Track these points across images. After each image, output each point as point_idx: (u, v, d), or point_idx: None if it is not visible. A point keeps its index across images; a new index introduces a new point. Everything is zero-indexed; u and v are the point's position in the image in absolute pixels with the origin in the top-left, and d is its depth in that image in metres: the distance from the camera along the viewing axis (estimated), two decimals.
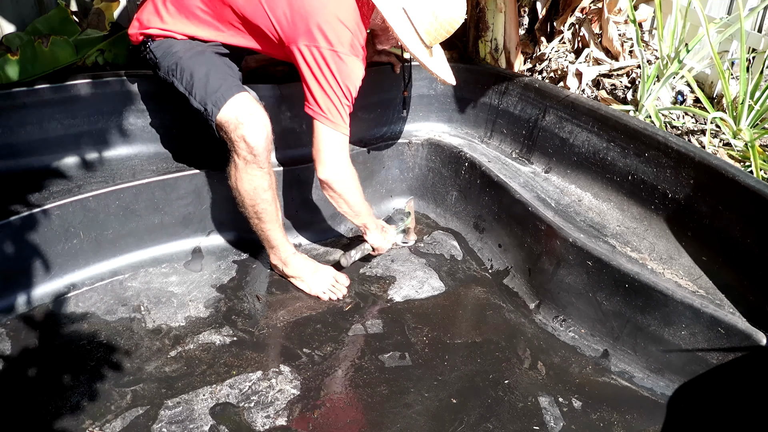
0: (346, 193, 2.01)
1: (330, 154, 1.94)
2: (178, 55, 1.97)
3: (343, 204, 2.04)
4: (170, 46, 1.99)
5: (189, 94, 1.95)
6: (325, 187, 2.00)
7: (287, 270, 2.17)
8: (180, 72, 1.96)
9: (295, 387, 1.80)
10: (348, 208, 2.06)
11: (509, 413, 1.74)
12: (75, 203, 2.05)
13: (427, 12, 1.87)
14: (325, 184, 1.98)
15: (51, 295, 2.05)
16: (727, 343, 1.68)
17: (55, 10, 2.49)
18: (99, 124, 2.29)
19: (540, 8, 2.78)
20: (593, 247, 1.93)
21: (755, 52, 2.44)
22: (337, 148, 1.94)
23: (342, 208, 2.06)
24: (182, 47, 1.98)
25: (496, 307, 2.13)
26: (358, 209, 2.08)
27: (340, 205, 2.05)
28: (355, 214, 2.09)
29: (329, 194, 2.02)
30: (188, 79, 1.95)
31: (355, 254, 2.19)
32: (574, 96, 2.30)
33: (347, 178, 2.00)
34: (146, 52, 2.03)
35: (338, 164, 1.96)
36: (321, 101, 1.87)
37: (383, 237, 2.22)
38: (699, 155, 1.91)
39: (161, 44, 2.00)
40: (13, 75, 2.20)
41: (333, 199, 2.04)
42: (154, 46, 2.01)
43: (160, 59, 2.00)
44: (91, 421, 1.67)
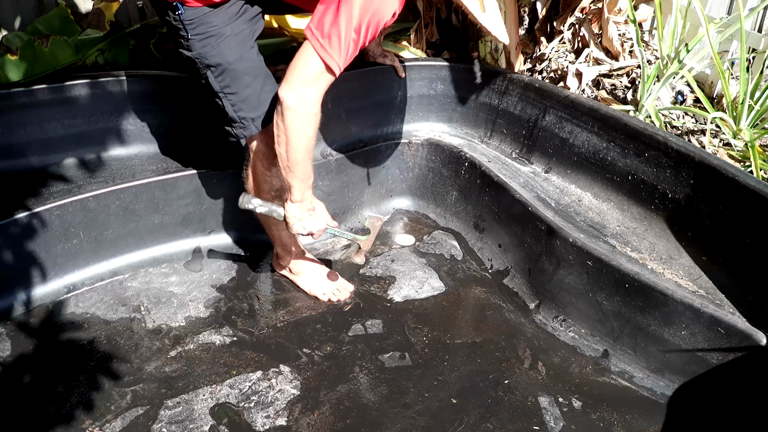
0: (294, 131, 1.69)
1: (305, 77, 1.65)
2: (222, 51, 1.77)
3: (283, 143, 1.71)
4: (209, 27, 1.75)
5: (222, 97, 1.83)
6: (277, 110, 1.69)
7: (295, 266, 2.15)
8: (221, 73, 1.79)
9: (295, 387, 1.80)
10: (285, 151, 1.72)
11: (509, 413, 1.73)
12: (75, 203, 2.05)
13: None
14: (280, 105, 1.67)
15: (51, 295, 2.05)
16: (727, 343, 1.68)
17: (55, 10, 2.49)
18: (99, 124, 2.29)
19: (540, 8, 2.78)
20: (593, 247, 1.93)
21: (755, 52, 2.43)
22: (315, 79, 1.66)
23: (279, 147, 1.73)
24: (225, 33, 1.76)
25: (496, 307, 2.13)
26: (295, 160, 1.73)
27: (280, 144, 1.72)
28: (288, 164, 1.74)
29: (276, 122, 1.71)
30: (228, 85, 1.80)
31: (256, 203, 1.89)
32: (574, 96, 2.30)
33: (306, 115, 1.68)
34: (173, 20, 1.75)
35: (308, 92, 1.66)
36: (327, 24, 1.61)
37: (302, 217, 1.85)
38: (699, 155, 1.91)
39: (197, 20, 1.74)
40: (13, 75, 2.20)
41: (276, 129, 1.72)
42: (186, 17, 1.73)
43: (194, 40, 1.76)
44: (91, 421, 1.67)
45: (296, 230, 1.88)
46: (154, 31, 2.53)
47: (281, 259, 2.18)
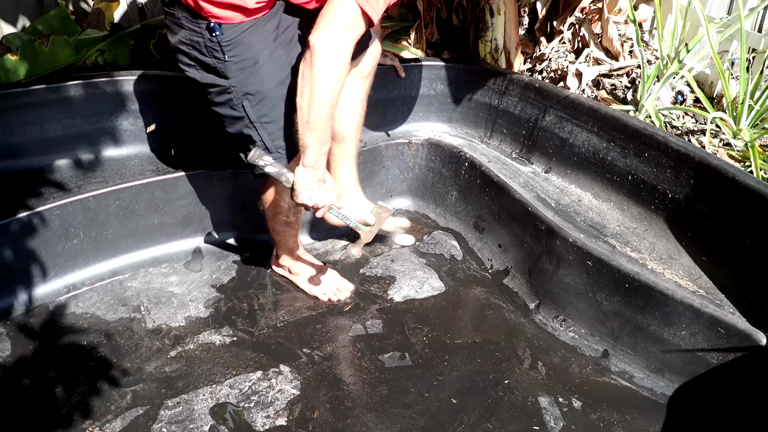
0: (321, 81, 1.60)
1: (336, 25, 1.57)
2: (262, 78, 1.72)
3: (307, 92, 1.61)
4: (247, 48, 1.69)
5: (258, 127, 1.77)
6: (305, 58, 1.60)
7: (295, 266, 2.15)
8: (259, 101, 1.75)
9: (295, 387, 1.80)
10: (308, 102, 1.62)
11: (509, 413, 1.73)
12: (75, 203, 2.05)
13: None
14: (310, 53, 1.58)
15: (51, 295, 2.06)
16: (727, 343, 1.68)
17: (55, 10, 2.49)
18: (99, 124, 2.29)
19: (540, 8, 2.78)
20: (593, 247, 1.93)
21: (755, 52, 2.43)
22: (349, 26, 1.58)
23: (301, 99, 1.63)
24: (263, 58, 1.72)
25: (496, 307, 2.13)
26: (317, 116, 1.63)
27: (303, 92, 1.62)
28: (307, 120, 1.64)
29: (303, 69, 1.61)
30: (266, 114, 1.76)
31: (267, 161, 1.76)
32: (574, 96, 2.30)
33: (336, 65, 1.60)
34: (209, 41, 1.68)
35: (340, 40, 1.59)
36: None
37: (311, 186, 1.74)
38: (699, 155, 1.91)
39: (235, 40, 1.68)
40: (13, 75, 2.20)
41: (302, 79, 1.62)
42: (225, 38, 1.66)
43: (231, 62, 1.70)
44: (91, 421, 1.67)
45: (302, 199, 1.75)
46: (154, 31, 2.53)
47: (281, 259, 2.17)
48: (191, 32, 1.69)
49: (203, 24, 1.66)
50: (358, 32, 1.62)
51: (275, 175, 1.76)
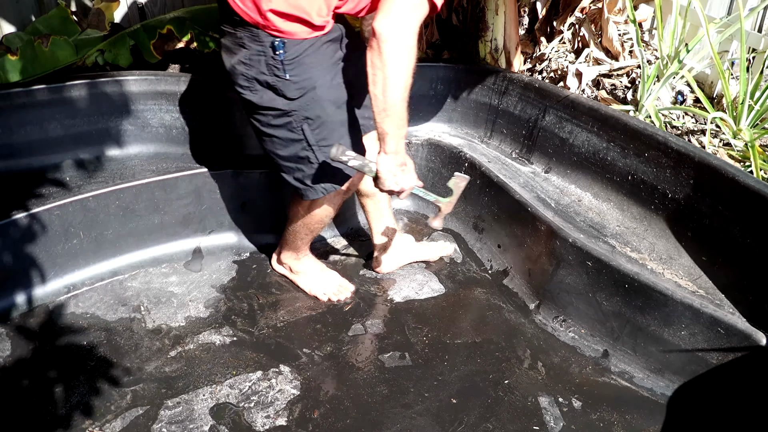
0: (393, 66, 1.56)
1: (403, 8, 1.54)
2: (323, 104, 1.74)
3: (380, 82, 1.58)
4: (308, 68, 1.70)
5: (316, 150, 1.80)
6: (372, 45, 1.56)
7: (296, 265, 2.15)
8: (319, 126, 1.77)
9: (295, 387, 1.80)
10: (382, 92, 1.59)
11: (509, 413, 1.74)
12: (75, 203, 2.05)
13: None
14: (377, 40, 1.54)
15: (51, 295, 2.06)
16: (726, 343, 1.68)
17: (55, 10, 2.49)
18: (99, 125, 2.30)
19: (540, 8, 2.78)
20: (593, 248, 1.93)
21: (755, 52, 2.43)
22: (415, 8, 1.56)
23: (374, 87, 1.60)
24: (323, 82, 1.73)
25: (495, 307, 2.13)
26: (393, 101, 1.60)
27: (376, 83, 1.59)
28: (385, 108, 1.62)
29: (371, 57, 1.57)
30: (325, 138, 1.78)
31: (350, 155, 1.73)
32: (574, 96, 2.30)
33: (406, 47, 1.56)
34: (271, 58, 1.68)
35: (408, 22, 1.55)
36: None
37: (395, 171, 1.73)
38: (699, 155, 1.91)
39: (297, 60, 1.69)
40: (13, 75, 2.20)
41: (372, 68, 1.58)
42: (288, 56, 1.67)
43: (290, 82, 1.70)
44: (91, 421, 1.67)
45: (388, 186, 1.74)
46: (154, 32, 2.52)
47: (283, 257, 2.17)
48: (253, 52, 1.69)
49: (267, 42, 1.66)
50: (423, 14, 1.59)
51: (358, 168, 1.75)
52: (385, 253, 2.24)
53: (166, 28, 2.48)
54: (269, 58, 1.68)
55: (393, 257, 2.26)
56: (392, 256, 2.25)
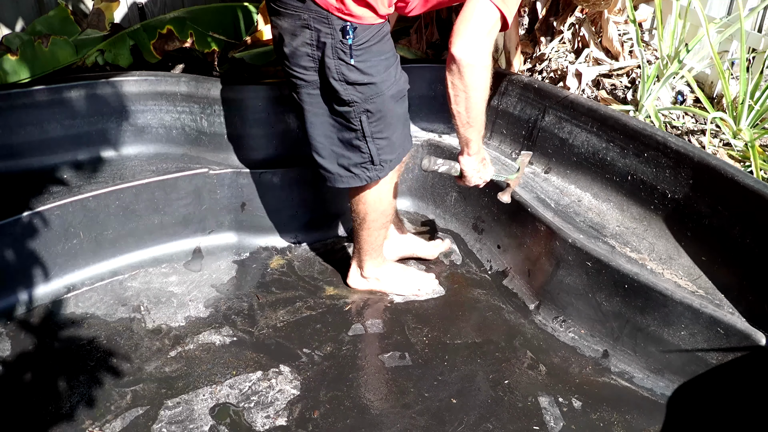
0: (474, 86, 1.67)
1: (480, 30, 1.61)
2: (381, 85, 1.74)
3: (462, 101, 1.70)
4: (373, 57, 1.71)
5: (369, 141, 1.81)
6: (452, 70, 1.65)
7: (382, 273, 2.12)
8: (378, 119, 1.79)
9: (295, 387, 1.80)
10: (464, 107, 1.71)
11: (509, 413, 1.74)
12: (75, 203, 2.06)
13: None
14: (456, 64, 1.63)
15: (51, 295, 2.06)
16: (726, 343, 1.68)
17: (55, 10, 2.49)
18: (99, 125, 2.30)
19: (540, 8, 2.78)
20: (593, 248, 1.93)
21: (755, 52, 2.43)
22: (490, 29, 1.62)
23: (458, 106, 1.71)
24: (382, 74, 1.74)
25: (495, 307, 2.13)
26: (475, 115, 1.73)
27: (459, 102, 1.70)
28: (468, 120, 1.74)
29: (452, 82, 1.68)
30: (381, 131, 1.81)
31: (440, 163, 1.88)
32: (573, 96, 2.30)
33: (485, 68, 1.66)
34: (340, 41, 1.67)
35: (484, 44, 1.63)
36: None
37: (478, 168, 1.90)
38: (698, 155, 1.91)
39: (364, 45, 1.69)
40: (13, 75, 2.20)
41: (453, 89, 1.69)
42: (356, 41, 1.67)
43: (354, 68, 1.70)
44: (91, 421, 1.67)
45: (474, 182, 1.93)
46: (154, 32, 2.53)
47: (366, 271, 2.12)
48: (321, 33, 1.67)
49: (338, 25, 1.66)
50: (495, 36, 1.68)
51: (446, 171, 1.90)
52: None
53: (166, 28, 2.48)
54: (337, 42, 1.67)
55: (391, 248, 2.24)
56: (390, 246, 2.24)
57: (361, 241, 2.06)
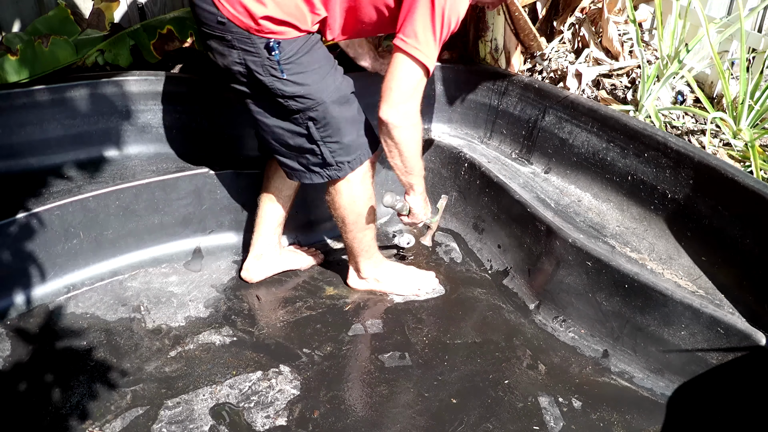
0: (405, 143, 1.76)
1: (404, 92, 1.69)
2: (320, 93, 1.75)
3: (397, 156, 1.80)
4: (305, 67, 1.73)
5: (321, 145, 1.82)
6: (382, 130, 1.75)
7: (380, 273, 2.11)
8: (324, 125, 1.80)
9: (295, 387, 1.80)
10: (401, 162, 1.81)
11: (509, 413, 1.74)
12: (75, 203, 2.05)
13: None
14: (386, 126, 1.72)
15: (51, 295, 2.06)
16: (726, 343, 1.68)
17: (55, 10, 2.49)
18: (99, 125, 2.30)
19: (540, 8, 2.78)
20: (593, 248, 1.93)
21: (755, 52, 2.43)
22: (415, 87, 1.70)
23: (394, 160, 1.82)
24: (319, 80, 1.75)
25: (495, 307, 2.13)
26: (412, 165, 1.83)
27: (393, 157, 1.80)
28: (405, 170, 1.85)
29: (385, 140, 1.77)
30: (330, 135, 1.81)
31: (398, 200, 1.94)
32: (573, 96, 2.30)
33: (412, 126, 1.75)
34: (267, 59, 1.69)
35: (409, 106, 1.71)
36: (420, 29, 1.64)
37: (423, 206, 1.99)
38: (698, 155, 1.91)
39: (292, 58, 1.71)
40: (13, 75, 2.20)
41: (387, 146, 1.79)
42: (283, 56, 1.69)
43: (289, 81, 1.72)
44: (91, 421, 1.67)
45: (420, 218, 2.01)
46: (154, 32, 2.52)
47: (363, 272, 2.13)
48: (247, 53, 1.70)
49: (260, 44, 1.67)
50: (422, 89, 1.74)
51: (400, 209, 1.97)
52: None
53: (166, 28, 2.47)
54: (265, 60, 1.69)
55: (260, 268, 2.20)
56: (260, 266, 2.19)
57: (349, 245, 2.07)
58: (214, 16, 1.66)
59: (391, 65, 1.70)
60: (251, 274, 2.17)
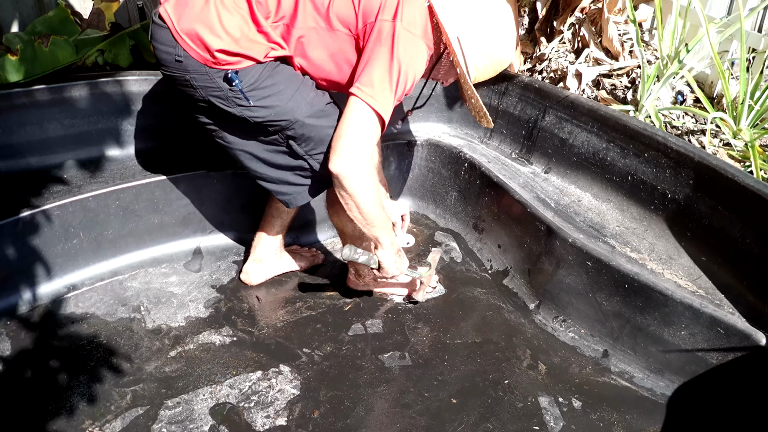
0: (359, 194, 1.68)
1: (355, 141, 1.63)
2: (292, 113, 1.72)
3: (354, 208, 1.71)
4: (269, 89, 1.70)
5: (308, 159, 1.79)
6: (335, 183, 1.68)
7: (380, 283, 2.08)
8: (302, 137, 1.75)
9: (295, 387, 1.80)
10: (359, 214, 1.73)
11: (509, 413, 1.74)
12: (75, 203, 2.06)
13: (482, 47, 1.74)
14: (337, 178, 1.65)
15: (51, 295, 2.06)
16: (726, 343, 1.68)
17: (55, 10, 2.49)
18: (99, 125, 2.30)
19: (540, 8, 2.78)
20: (593, 248, 1.93)
21: (755, 52, 2.43)
22: (367, 136, 1.64)
23: (352, 213, 1.73)
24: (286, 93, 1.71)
25: (495, 307, 2.13)
26: (372, 217, 1.74)
27: (351, 210, 1.72)
28: (366, 223, 1.76)
29: (339, 192, 1.69)
30: (314, 147, 1.77)
31: (359, 253, 1.86)
32: (573, 96, 2.30)
33: (364, 176, 1.67)
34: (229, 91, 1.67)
35: (359, 156, 1.64)
36: (377, 77, 1.61)
37: (395, 260, 1.87)
38: (698, 155, 1.91)
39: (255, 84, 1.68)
40: (13, 75, 2.20)
41: (342, 199, 1.71)
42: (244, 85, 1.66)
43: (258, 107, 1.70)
44: (91, 421, 1.67)
45: (392, 272, 1.89)
46: None
47: (364, 275, 2.10)
48: (208, 89, 1.68)
49: (219, 76, 1.65)
50: (375, 139, 1.68)
51: (365, 262, 1.87)
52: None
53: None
54: (227, 92, 1.67)
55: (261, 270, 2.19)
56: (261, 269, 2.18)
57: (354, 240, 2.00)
58: (171, 55, 1.65)
59: (345, 113, 1.65)
60: (251, 277, 2.17)
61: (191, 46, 1.63)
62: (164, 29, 1.65)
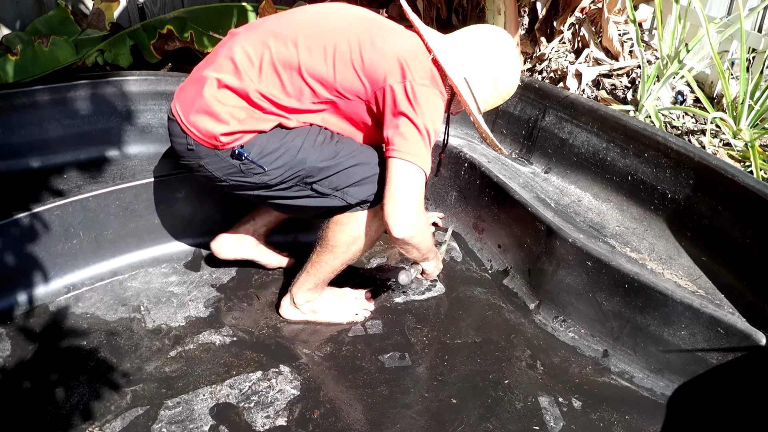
0: (421, 244, 1.82)
1: (407, 203, 1.67)
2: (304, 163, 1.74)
3: (414, 251, 1.84)
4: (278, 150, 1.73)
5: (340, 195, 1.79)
6: (398, 242, 1.74)
7: (317, 304, 2.02)
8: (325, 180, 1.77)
9: (295, 387, 1.80)
10: (419, 254, 1.87)
11: (509, 413, 1.74)
12: (75, 203, 2.05)
13: (487, 81, 1.78)
14: (399, 241, 1.72)
15: (51, 295, 2.06)
16: (726, 343, 1.68)
17: (55, 10, 2.49)
18: (99, 125, 2.30)
19: (540, 8, 2.78)
20: (593, 248, 1.93)
21: (755, 52, 2.44)
22: (416, 193, 1.69)
23: (410, 255, 1.86)
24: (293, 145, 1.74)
25: (495, 307, 2.13)
26: (427, 250, 1.89)
27: (411, 253, 1.85)
28: (423, 257, 1.91)
29: (402, 247, 1.80)
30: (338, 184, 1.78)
31: (413, 275, 2.00)
32: (573, 96, 2.30)
33: (422, 229, 1.78)
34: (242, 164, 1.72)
35: (415, 216, 1.69)
36: (408, 135, 1.65)
37: (437, 265, 2.03)
38: (699, 155, 1.91)
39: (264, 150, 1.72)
40: (13, 75, 2.20)
41: (404, 250, 1.83)
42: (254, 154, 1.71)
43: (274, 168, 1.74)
44: (91, 421, 1.67)
45: (435, 275, 2.07)
46: (154, 32, 2.53)
47: (299, 301, 2.00)
48: (221, 168, 1.76)
49: (227, 155, 1.72)
50: (422, 191, 1.74)
51: (415, 277, 2.01)
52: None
53: (166, 28, 2.48)
54: (241, 165, 1.74)
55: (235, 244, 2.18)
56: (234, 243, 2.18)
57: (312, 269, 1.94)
58: (183, 145, 1.75)
59: (390, 176, 1.68)
60: (222, 249, 2.13)
61: (199, 136, 1.71)
62: (175, 123, 1.75)
